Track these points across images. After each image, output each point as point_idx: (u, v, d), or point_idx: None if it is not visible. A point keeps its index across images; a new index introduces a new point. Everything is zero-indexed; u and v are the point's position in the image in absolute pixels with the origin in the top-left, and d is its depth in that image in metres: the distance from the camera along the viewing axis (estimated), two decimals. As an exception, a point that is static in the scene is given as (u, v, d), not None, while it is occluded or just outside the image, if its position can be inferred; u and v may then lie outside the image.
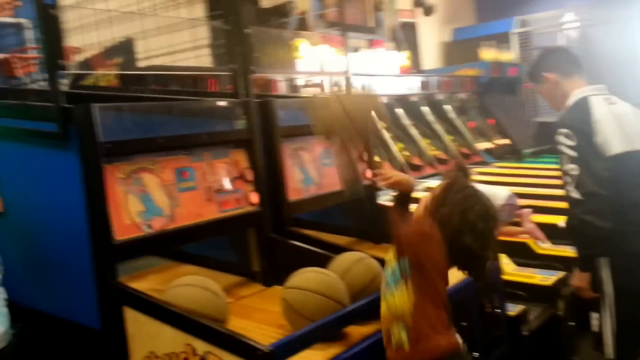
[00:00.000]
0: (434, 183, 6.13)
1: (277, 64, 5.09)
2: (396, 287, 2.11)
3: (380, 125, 6.23)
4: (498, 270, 3.18)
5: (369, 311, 2.39)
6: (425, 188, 6.21)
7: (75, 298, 2.50)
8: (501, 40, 8.60)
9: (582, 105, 2.98)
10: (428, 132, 7.31)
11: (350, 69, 3.96)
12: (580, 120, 2.91)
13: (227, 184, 2.83)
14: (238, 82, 2.92)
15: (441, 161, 7.03)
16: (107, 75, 4.86)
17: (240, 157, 2.92)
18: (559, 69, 3.11)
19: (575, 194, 2.83)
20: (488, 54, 8.18)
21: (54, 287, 2.53)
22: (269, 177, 3.03)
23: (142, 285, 2.71)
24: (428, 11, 7.40)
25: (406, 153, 6.70)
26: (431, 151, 7.08)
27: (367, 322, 2.41)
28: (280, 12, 6.23)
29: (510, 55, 8.74)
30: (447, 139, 7.39)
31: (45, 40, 2.32)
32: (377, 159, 5.67)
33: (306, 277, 2.42)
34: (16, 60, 4.33)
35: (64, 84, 4.52)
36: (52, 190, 2.53)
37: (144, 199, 2.51)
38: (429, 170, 6.76)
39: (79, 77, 4.69)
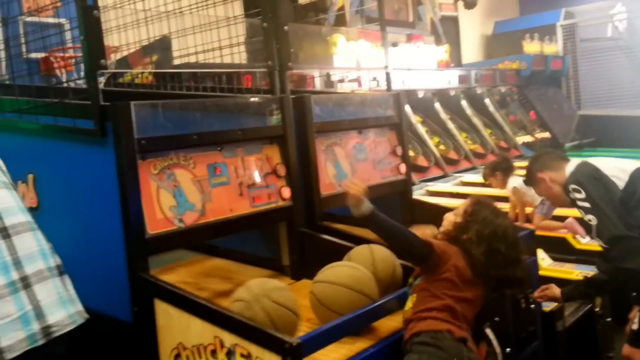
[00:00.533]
0: (470, 177, 6.13)
1: (314, 60, 5.12)
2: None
3: (416, 119, 6.23)
4: (534, 265, 3.16)
5: (397, 306, 2.42)
6: (460, 182, 6.21)
7: (108, 291, 2.55)
8: (545, 32, 8.49)
9: (580, 162, 2.98)
10: (466, 126, 7.28)
11: (389, 64, 3.94)
12: (582, 173, 2.88)
13: (259, 179, 2.86)
14: (274, 78, 2.96)
15: (478, 155, 6.99)
16: (143, 72, 4.95)
17: (274, 153, 2.96)
18: (550, 167, 3.10)
19: (601, 243, 2.77)
20: (531, 46, 8.08)
21: (87, 281, 2.58)
22: (302, 172, 3.05)
23: (172, 278, 2.78)
24: (470, 4, 7.34)
25: (442, 147, 6.68)
26: (469, 145, 7.05)
27: (395, 316, 2.44)
28: (318, 8, 6.26)
29: (554, 47, 8.62)
30: (485, 132, 7.34)
31: (86, 40, 2.37)
32: (411, 153, 5.67)
33: (335, 271, 2.44)
34: (55, 59, 4.44)
35: (101, 82, 4.66)
36: (87, 185, 2.60)
37: (177, 194, 2.56)
38: (465, 164, 6.74)
39: (116, 75, 4.79)
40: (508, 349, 2.81)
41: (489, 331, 2.72)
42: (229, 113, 2.77)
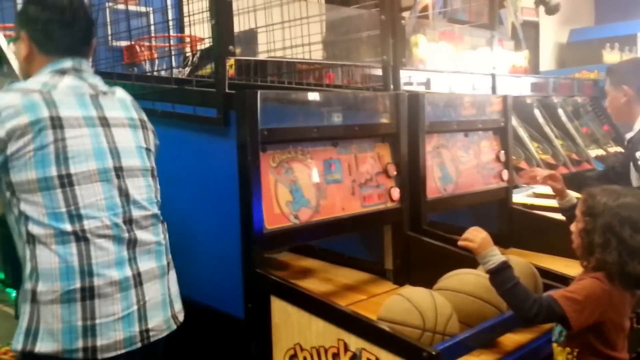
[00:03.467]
0: (543, 189, 5.95)
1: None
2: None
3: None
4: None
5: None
6: (533, 194, 6.03)
7: (221, 286, 2.49)
8: (623, 42, 8.25)
9: None
10: (537, 135, 7.10)
11: (495, 66, 3.83)
12: None
13: (371, 179, 2.77)
14: (388, 74, 2.86)
15: (550, 166, 6.81)
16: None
17: (385, 151, 2.86)
18: (638, 86, 2.97)
19: None
20: (611, 56, 7.86)
21: (199, 275, 2.53)
22: (410, 173, 2.95)
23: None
24: (552, 10, 7.14)
25: (513, 157, 6.51)
26: (540, 155, 6.87)
27: (520, 331, 2.33)
28: (401, 7, 6.15)
29: (635, 58, 8.38)
30: (557, 143, 7.15)
31: (217, 25, 2.30)
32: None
33: (461, 278, 2.33)
34: (140, 48, 4.42)
35: (184, 72, 4.61)
36: (203, 175, 2.54)
37: (293, 189, 2.48)
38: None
39: (197, 67, 4.74)
40: None
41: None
42: (345, 108, 2.68)
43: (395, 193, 2.85)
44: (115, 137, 2.00)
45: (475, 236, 2.16)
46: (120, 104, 2.09)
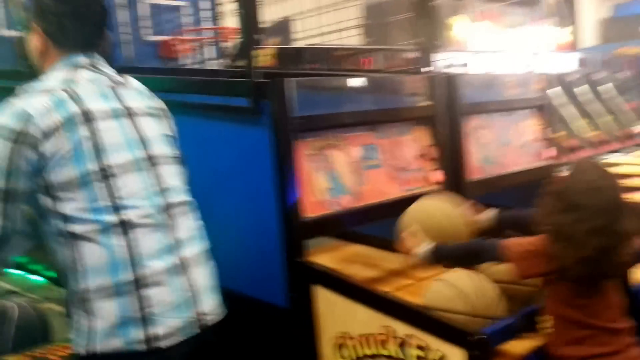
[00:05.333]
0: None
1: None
2: None
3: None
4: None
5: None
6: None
7: (262, 277, 2.46)
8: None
9: None
10: (584, 112, 6.95)
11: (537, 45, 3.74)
12: None
13: (410, 162, 2.71)
14: (423, 56, 2.80)
15: (596, 143, 6.65)
16: (262, 55, 4.86)
17: (423, 134, 2.81)
18: None
19: None
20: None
21: (239, 266, 2.50)
22: (449, 155, 2.89)
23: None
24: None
25: (560, 133, 6.38)
26: (589, 131, 6.72)
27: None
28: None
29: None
30: (603, 119, 6.99)
31: (243, 15, 2.28)
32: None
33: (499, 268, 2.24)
34: (176, 42, 4.42)
35: (222, 64, 4.60)
36: (238, 166, 2.52)
37: (331, 176, 2.45)
38: (585, 153, 6.42)
39: (236, 58, 4.73)
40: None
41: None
42: (380, 92, 2.63)
43: (436, 176, 2.80)
44: (141, 127, 1.98)
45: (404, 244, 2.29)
46: (136, 93, 2.06)
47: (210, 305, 2.01)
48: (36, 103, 1.81)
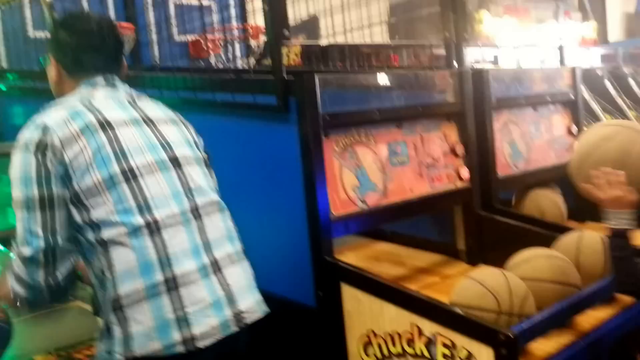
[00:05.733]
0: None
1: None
2: None
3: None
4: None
5: (605, 295, 2.23)
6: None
7: (290, 275, 2.47)
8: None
9: None
10: (609, 107, 6.86)
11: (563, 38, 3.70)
12: None
13: (439, 159, 2.70)
14: (451, 51, 2.78)
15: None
16: (289, 53, 4.86)
17: (451, 131, 2.79)
18: None
19: None
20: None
21: (268, 265, 2.50)
22: (478, 151, 2.87)
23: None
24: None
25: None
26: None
27: (601, 307, 2.25)
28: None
29: None
30: (631, 114, 6.90)
31: (270, 10, 2.27)
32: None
33: (534, 265, 2.21)
34: (204, 42, 4.43)
35: (249, 63, 4.61)
36: (267, 164, 2.51)
37: (359, 173, 2.44)
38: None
39: (263, 57, 4.73)
40: None
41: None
42: (407, 88, 2.61)
43: (464, 172, 2.78)
44: (162, 132, 1.99)
45: (608, 184, 1.99)
46: (156, 105, 2.08)
47: (248, 304, 1.97)
48: (54, 115, 1.84)
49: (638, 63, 7.24)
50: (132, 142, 1.88)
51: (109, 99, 1.96)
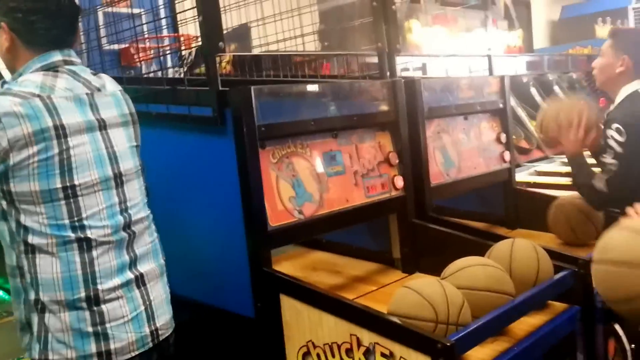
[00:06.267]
0: (545, 167, 5.93)
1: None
2: None
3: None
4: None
5: (538, 303, 2.29)
6: (535, 172, 5.99)
7: (228, 287, 2.45)
8: (615, 16, 8.20)
9: (634, 99, 2.86)
10: (535, 114, 7.04)
11: (491, 47, 3.79)
12: (632, 116, 2.77)
13: (374, 168, 2.73)
14: (383, 61, 2.81)
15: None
16: (220, 62, 4.83)
17: (385, 140, 2.82)
18: (638, 61, 2.90)
19: (602, 186, 2.76)
20: (604, 30, 7.81)
21: (208, 277, 2.49)
22: (412, 160, 2.91)
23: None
24: (541, -12, 7.08)
25: (513, 137, 6.46)
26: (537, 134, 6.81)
27: (536, 314, 2.31)
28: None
29: (627, 31, 8.33)
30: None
31: (204, 21, 2.25)
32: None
33: (470, 273, 2.23)
34: (135, 50, 4.35)
35: (180, 73, 4.55)
36: (202, 176, 2.49)
37: (295, 184, 2.44)
38: (538, 154, 6.52)
39: (193, 66, 4.68)
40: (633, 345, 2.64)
41: (617, 327, 2.56)
42: (342, 98, 2.63)
43: (399, 181, 2.81)
44: (112, 140, 1.96)
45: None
46: (112, 99, 2.02)
47: (164, 320, 2.03)
48: (8, 106, 1.75)
49: (562, 69, 7.48)
50: (82, 154, 1.84)
51: (70, 94, 1.88)
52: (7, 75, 2.09)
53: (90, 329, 1.82)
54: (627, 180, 2.69)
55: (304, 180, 2.47)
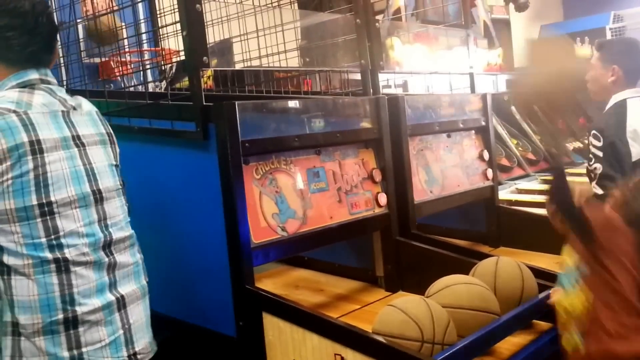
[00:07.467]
0: (526, 185, 5.96)
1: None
2: (573, 289, 1.92)
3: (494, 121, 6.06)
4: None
5: (523, 321, 2.27)
6: (516, 190, 6.02)
7: (209, 305, 2.41)
8: (593, 36, 8.27)
9: (619, 109, 2.96)
10: (515, 132, 7.09)
11: (474, 65, 3.80)
12: (611, 124, 2.91)
13: (357, 185, 2.71)
14: (367, 78, 2.81)
15: (530, 162, 6.80)
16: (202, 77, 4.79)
17: (369, 157, 2.80)
18: (628, 69, 3.00)
19: (598, 190, 2.84)
20: (582, 50, 7.89)
21: (189, 295, 2.45)
22: (395, 177, 2.90)
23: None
24: (522, 7, 7.16)
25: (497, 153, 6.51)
26: (520, 152, 6.86)
27: (520, 333, 2.28)
28: (374, 11, 6.10)
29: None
30: (536, 138, 7.15)
31: (188, 36, 2.23)
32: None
33: (454, 292, 2.21)
34: (116, 64, 4.32)
35: (161, 86, 4.52)
36: (185, 191, 2.46)
37: (278, 200, 2.42)
38: (518, 172, 6.55)
39: (174, 80, 4.64)
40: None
41: None
42: (326, 115, 2.61)
43: (382, 198, 2.79)
44: (90, 158, 1.92)
45: None
46: (88, 118, 1.99)
47: (143, 344, 1.99)
48: None
49: (541, 89, 7.54)
50: (58, 170, 1.80)
51: (46, 110, 1.84)
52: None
53: (66, 354, 1.77)
54: (613, 179, 2.76)
55: (288, 197, 2.44)
